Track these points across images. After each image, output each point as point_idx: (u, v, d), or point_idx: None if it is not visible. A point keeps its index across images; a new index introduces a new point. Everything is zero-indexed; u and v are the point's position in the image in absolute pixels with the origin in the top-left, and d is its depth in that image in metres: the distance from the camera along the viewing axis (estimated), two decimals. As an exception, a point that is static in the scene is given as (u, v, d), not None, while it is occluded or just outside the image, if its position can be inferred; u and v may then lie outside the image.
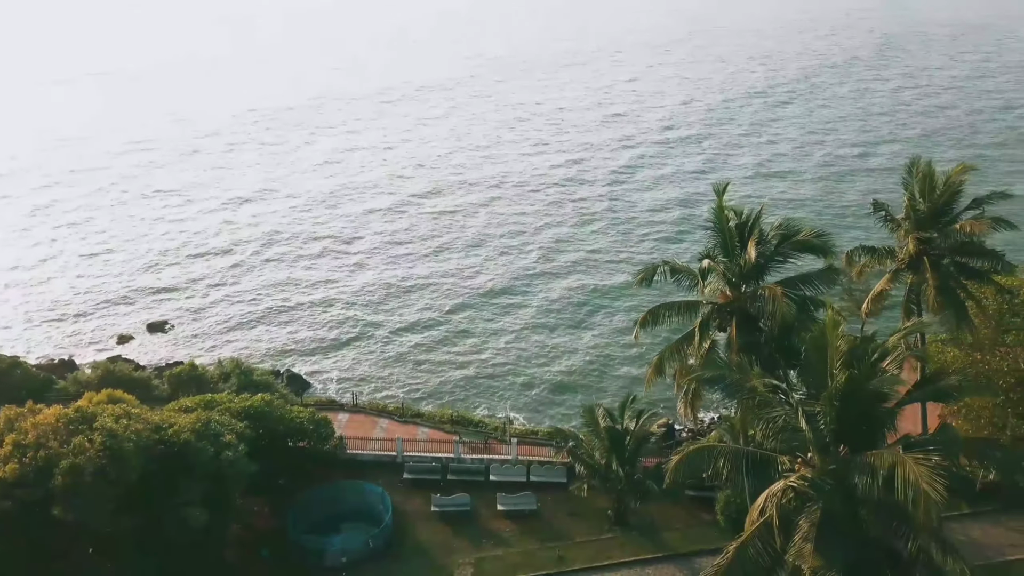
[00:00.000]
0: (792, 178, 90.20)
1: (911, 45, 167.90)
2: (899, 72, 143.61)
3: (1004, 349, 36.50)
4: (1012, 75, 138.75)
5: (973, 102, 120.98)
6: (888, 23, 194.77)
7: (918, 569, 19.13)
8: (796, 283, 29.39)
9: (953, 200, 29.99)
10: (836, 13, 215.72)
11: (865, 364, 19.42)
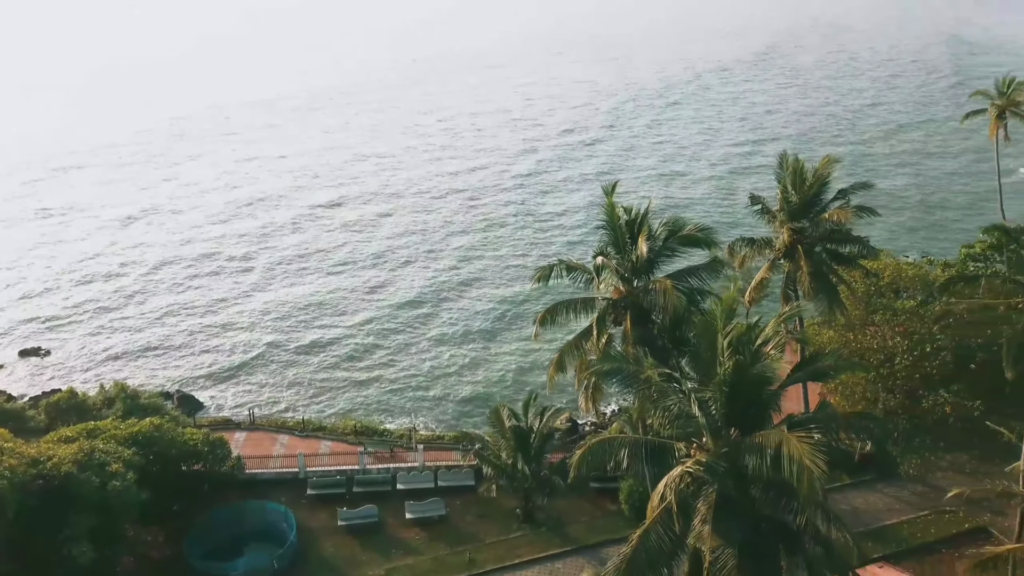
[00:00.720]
0: (687, 178, 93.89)
1: (787, 48, 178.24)
2: (778, 73, 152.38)
3: (873, 328, 39.46)
4: (875, 73, 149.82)
5: (844, 101, 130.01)
6: (769, 27, 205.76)
7: (806, 540, 20.35)
8: (684, 276, 30.59)
9: (821, 191, 32.07)
10: (721, 18, 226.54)
11: (750, 350, 20.47)
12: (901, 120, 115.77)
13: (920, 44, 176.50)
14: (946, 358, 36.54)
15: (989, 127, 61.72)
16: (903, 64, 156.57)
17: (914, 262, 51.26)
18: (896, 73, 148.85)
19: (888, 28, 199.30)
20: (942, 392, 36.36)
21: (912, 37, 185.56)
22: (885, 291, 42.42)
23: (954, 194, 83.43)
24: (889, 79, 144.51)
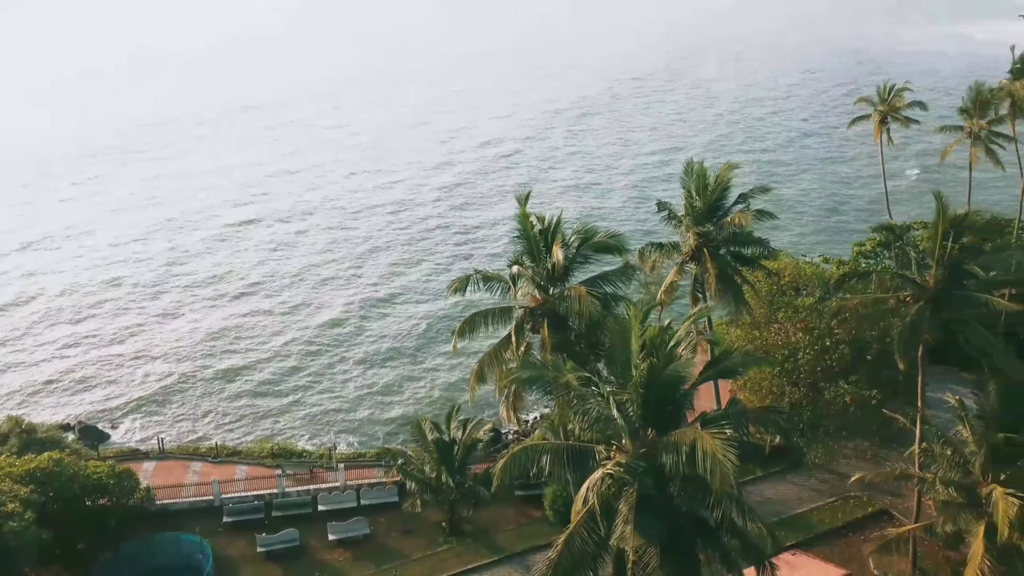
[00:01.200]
0: (602, 187, 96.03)
1: (693, 61, 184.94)
2: (687, 84, 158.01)
3: (777, 325, 41.30)
4: (777, 83, 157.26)
5: (747, 110, 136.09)
6: (672, 41, 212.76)
7: (722, 533, 21.11)
8: (598, 281, 31.22)
9: (723, 196, 33.42)
10: (629, 30, 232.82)
11: (663, 352, 21.11)
12: (804, 128, 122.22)
13: (821, 56, 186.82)
14: (844, 351, 38.59)
15: (874, 132, 65.69)
16: (804, 74, 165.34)
17: (811, 261, 54.02)
18: (797, 83, 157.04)
19: (791, 42, 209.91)
20: (842, 383, 38.35)
21: (814, 51, 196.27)
22: (786, 290, 44.49)
23: (849, 197, 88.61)
24: (789, 88, 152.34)
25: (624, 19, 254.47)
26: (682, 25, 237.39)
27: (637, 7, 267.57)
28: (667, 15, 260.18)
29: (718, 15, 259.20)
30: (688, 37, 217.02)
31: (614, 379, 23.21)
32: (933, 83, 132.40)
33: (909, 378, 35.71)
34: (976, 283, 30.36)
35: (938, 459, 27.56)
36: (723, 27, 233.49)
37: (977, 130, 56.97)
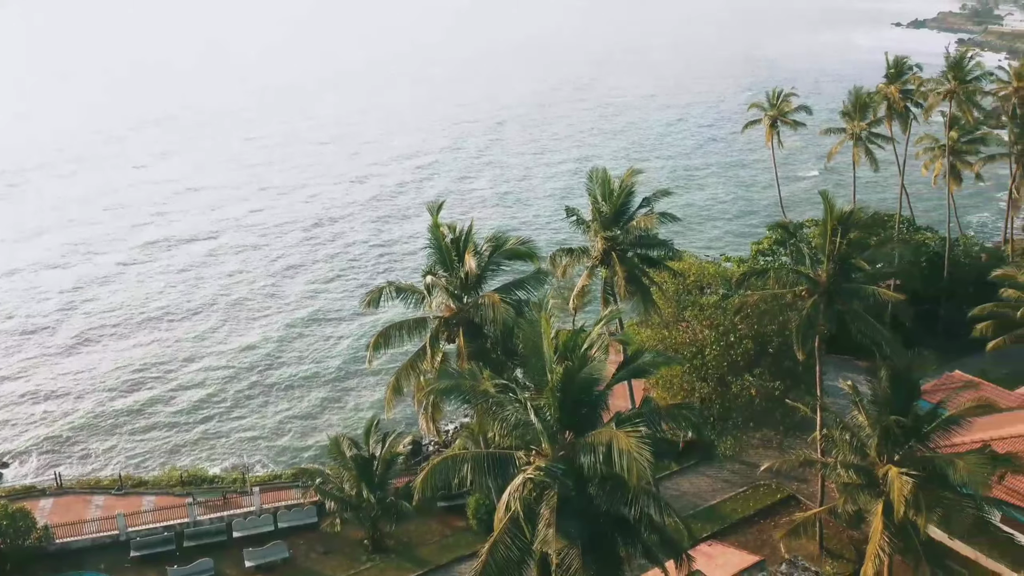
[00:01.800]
0: (519, 196, 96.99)
1: (602, 73, 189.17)
2: (599, 94, 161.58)
3: (684, 324, 42.75)
4: (682, 90, 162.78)
5: (653, 115, 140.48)
6: (585, 55, 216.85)
7: (642, 529, 21.64)
8: (511, 288, 31.51)
9: (628, 200, 34.35)
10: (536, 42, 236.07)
11: (577, 355, 21.52)
12: (711, 134, 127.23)
13: (723, 64, 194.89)
14: (748, 346, 40.31)
15: (765, 135, 68.98)
16: (710, 82, 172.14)
17: (713, 261, 56.25)
18: (704, 90, 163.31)
19: (695, 51, 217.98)
20: (747, 377, 40.02)
21: (716, 59, 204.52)
22: (691, 289, 46.16)
23: (752, 199, 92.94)
24: (696, 95, 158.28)
25: (535, 29, 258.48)
26: (591, 42, 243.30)
27: (552, 18, 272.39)
28: (578, 26, 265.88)
29: (619, 24, 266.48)
30: (598, 48, 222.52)
31: (531, 384, 23.46)
32: (824, 87, 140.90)
33: (808, 368, 37.68)
34: (863, 276, 32.33)
35: (838, 444, 29.09)
36: (627, 36, 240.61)
37: (858, 131, 60.73)
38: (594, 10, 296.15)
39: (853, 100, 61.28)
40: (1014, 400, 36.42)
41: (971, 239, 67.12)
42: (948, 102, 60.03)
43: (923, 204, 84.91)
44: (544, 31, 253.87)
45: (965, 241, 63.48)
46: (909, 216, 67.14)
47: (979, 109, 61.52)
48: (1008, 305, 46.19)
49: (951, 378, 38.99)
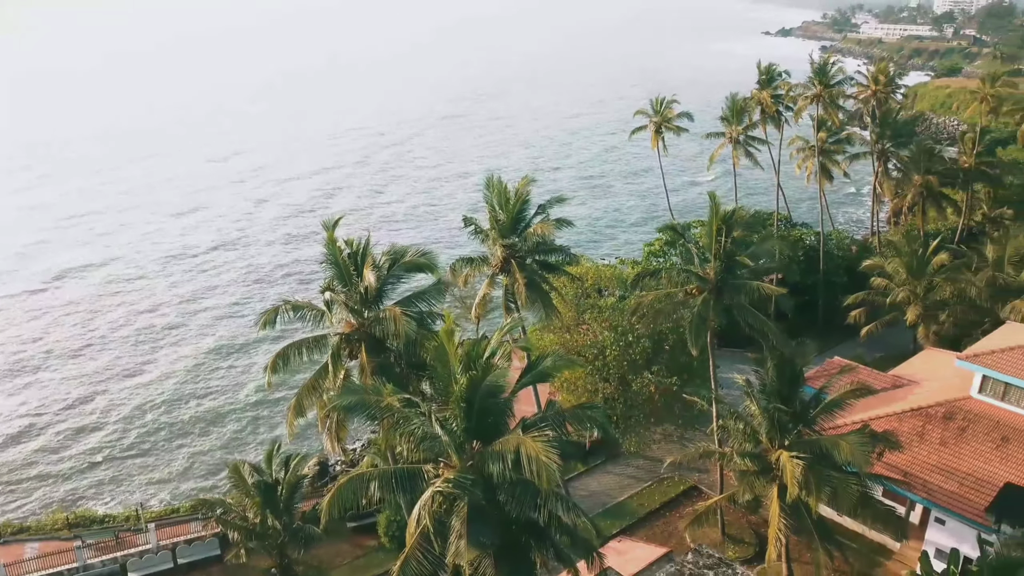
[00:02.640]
0: (428, 208, 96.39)
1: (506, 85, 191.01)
2: (501, 109, 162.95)
3: (585, 327, 43.68)
4: (584, 99, 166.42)
5: (555, 126, 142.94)
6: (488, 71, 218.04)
7: (552, 532, 21.92)
8: (412, 301, 31.24)
9: (524, 208, 34.80)
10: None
11: (480, 364, 21.58)
12: (611, 143, 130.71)
13: (619, 75, 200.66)
14: (645, 344, 41.62)
15: (651, 141, 71.57)
16: (607, 92, 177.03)
17: (609, 264, 57.79)
18: (603, 99, 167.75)
19: (591, 63, 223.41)
20: (646, 374, 41.33)
21: (612, 71, 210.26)
22: (590, 292, 47.27)
23: (658, 204, 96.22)
24: (595, 105, 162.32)
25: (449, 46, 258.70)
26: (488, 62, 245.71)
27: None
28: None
29: (512, 41, 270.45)
30: (499, 63, 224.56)
31: (436, 396, 23.35)
32: (712, 93, 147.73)
33: (703, 363, 39.29)
34: (748, 272, 34.06)
35: (732, 434, 30.50)
36: (523, 50, 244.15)
37: (736, 135, 63.98)
38: (490, 29, 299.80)
39: (730, 106, 64.52)
40: (887, 381, 39.25)
41: (842, 233, 71.97)
42: (815, 105, 64.24)
43: (798, 202, 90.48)
44: (446, 46, 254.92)
45: (837, 235, 67.99)
46: (786, 214, 71.29)
47: (843, 111, 66.13)
48: (877, 293, 49.89)
49: (831, 364, 41.57)
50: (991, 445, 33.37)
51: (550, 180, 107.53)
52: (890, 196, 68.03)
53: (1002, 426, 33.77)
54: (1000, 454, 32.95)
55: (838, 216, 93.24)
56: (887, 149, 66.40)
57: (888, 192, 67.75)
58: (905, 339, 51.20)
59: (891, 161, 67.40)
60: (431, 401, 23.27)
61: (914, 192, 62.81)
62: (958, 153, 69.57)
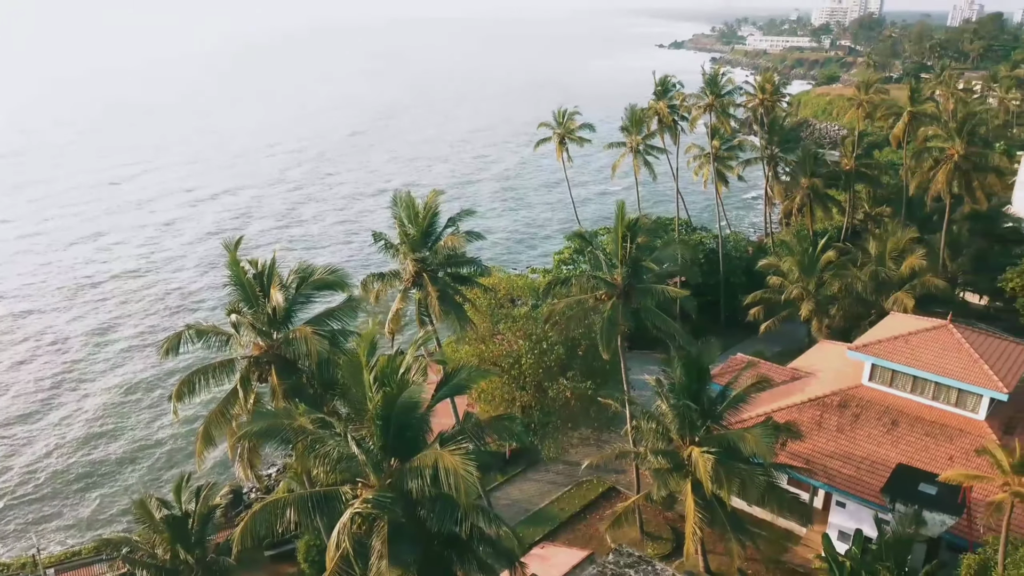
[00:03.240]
0: (344, 226, 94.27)
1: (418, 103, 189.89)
2: (415, 125, 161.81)
3: (500, 336, 44.00)
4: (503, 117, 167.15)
5: (470, 140, 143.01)
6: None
7: (474, 544, 21.97)
8: (323, 320, 30.70)
9: (434, 221, 34.84)
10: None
11: (395, 380, 21.45)
12: (526, 155, 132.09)
13: (531, 90, 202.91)
14: (559, 351, 42.33)
15: (556, 152, 72.99)
16: (521, 106, 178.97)
17: (521, 273, 58.45)
18: (514, 114, 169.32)
19: (503, 79, 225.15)
20: (562, 380, 42.01)
21: (524, 86, 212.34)
22: (503, 302, 47.67)
23: (568, 214, 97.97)
24: (511, 120, 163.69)
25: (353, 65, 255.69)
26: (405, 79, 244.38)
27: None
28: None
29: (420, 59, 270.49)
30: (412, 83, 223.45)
31: (352, 415, 23.02)
32: (616, 104, 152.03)
33: (615, 366, 40.27)
34: (653, 276, 35.21)
35: (646, 433, 31.41)
36: (433, 69, 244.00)
37: (636, 145, 66.09)
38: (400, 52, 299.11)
39: (629, 116, 66.61)
40: (787, 374, 41.32)
41: (739, 235, 75.39)
42: (708, 114, 67.14)
43: (698, 207, 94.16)
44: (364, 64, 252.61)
45: (734, 237, 71.16)
46: (687, 218, 74.01)
47: (734, 119, 69.35)
48: (773, 291, 52.49)
49: (734, 360, 43.40)
50: (882, 429, 35.65)
51: (467, 194, 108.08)
52: (780, 198, 71.74)
53: (891, 411, 36.14)
54: (891, 437, 35.25)
55: (735, 219, 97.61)
56: (776, 154, 70.08)
57: (779, 195, 71.45)
58: (801, 333, 54.05)
59: (780, 165, 71.14)
60: (347, 421, 22.93)
61: (802, 194, 66.52)
62: (840, 156, 74.16)
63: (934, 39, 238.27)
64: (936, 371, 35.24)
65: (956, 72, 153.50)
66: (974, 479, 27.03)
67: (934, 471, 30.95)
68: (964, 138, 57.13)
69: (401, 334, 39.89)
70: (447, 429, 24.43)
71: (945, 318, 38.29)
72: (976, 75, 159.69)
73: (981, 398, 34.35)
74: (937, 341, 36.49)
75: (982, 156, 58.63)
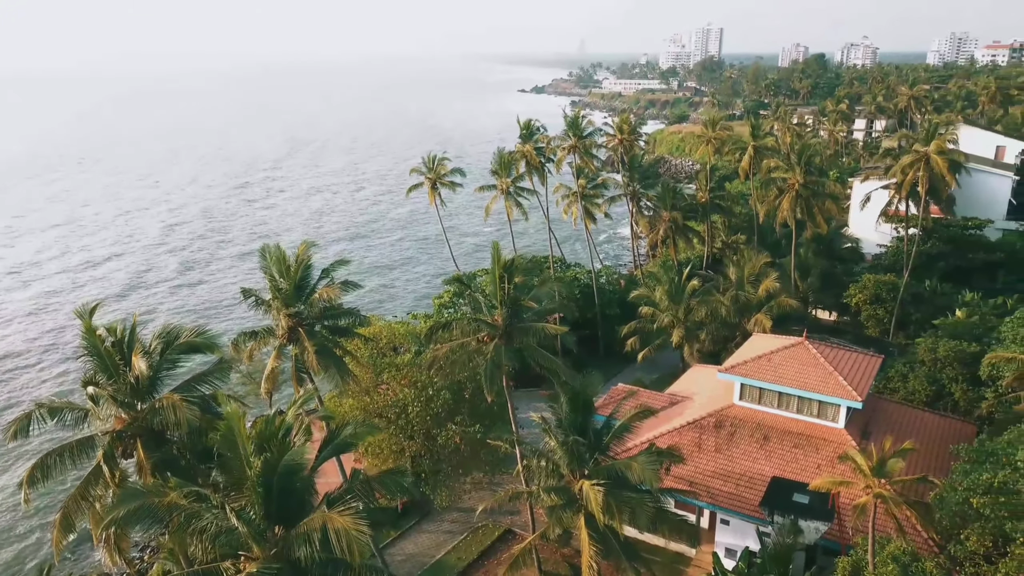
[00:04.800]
0: (203, 283, 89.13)
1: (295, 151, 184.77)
2: (293, 174, 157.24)
3: (384, 387, 43.12)
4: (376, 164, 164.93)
5: (345, 190, 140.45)
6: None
7: (371, 605, 21.13)
8: (193, 385, 29.02)
9: (307, 274, 33.93)
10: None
11: (275, 443, 20.50)
12: (400, 200, 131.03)
13: (408, 135, 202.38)
14: (446, 396, 41.95)
15: (428, 197, 73.36)
16: (399, 153, 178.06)
17: (402, 320, 57.81)
18: (391, 162, 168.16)
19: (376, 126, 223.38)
20: (450, 426, 41.58)
21: (398, 132, 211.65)
22: (385, 351, 46.87)
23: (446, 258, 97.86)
24: (387, 167, 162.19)
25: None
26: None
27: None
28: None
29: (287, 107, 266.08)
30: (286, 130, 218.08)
31: (230, 485, 21.74)
32: (488, 147, 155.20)
33: (502, 406, 40.36)
34: (532, 314, 35.79)
35: (537, 471, 31.52)
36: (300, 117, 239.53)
37: (507, 187, 67.58)
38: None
39: (498, 160, 68.15)
40: (665, 400, 42.93)
41: (611, 269, 78.30)
42: (573, 155, 69.80)
43: (570, 244, 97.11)
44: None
45: (607, 271, 73.80)
46: (560, 256, 76.10)
47: (597, 159, 72.45)
48: (647, 320, 54.68)
49: (616, 391, 44.64)
50: (756, 445, 37.62)
51: (354, 246, 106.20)
52: (646, 231, 75.29)
53: (762, 426, 38.25)
54: (764, 452, 37.24)
55: (606, 253, 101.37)
56: (638, 190, 73.62)
57: (644, 228, 74.93)
58: (675, 359, 56.47)
59: (642, 200, 74.79)
60: (225, 491, 21.62)
61: (664, 227, 70.15)
62: (696, 189, 78.94)
63: (768, 79, 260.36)
64: (798, 386, 37.71)
65: (790, 108, 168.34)
66: (840, 485, 28.93)
67: (805, 481, 32.89)
68: (802, 168, 62.39)
69: (279, 392, 38.33)
70: (334, 489, 23.55)
71: (801, 335, 41.15)
72: (807, 110, 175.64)
73: (839, 408, 37.00)
74: (796, 358, 39.12)
75: (819, 184, 64.17)
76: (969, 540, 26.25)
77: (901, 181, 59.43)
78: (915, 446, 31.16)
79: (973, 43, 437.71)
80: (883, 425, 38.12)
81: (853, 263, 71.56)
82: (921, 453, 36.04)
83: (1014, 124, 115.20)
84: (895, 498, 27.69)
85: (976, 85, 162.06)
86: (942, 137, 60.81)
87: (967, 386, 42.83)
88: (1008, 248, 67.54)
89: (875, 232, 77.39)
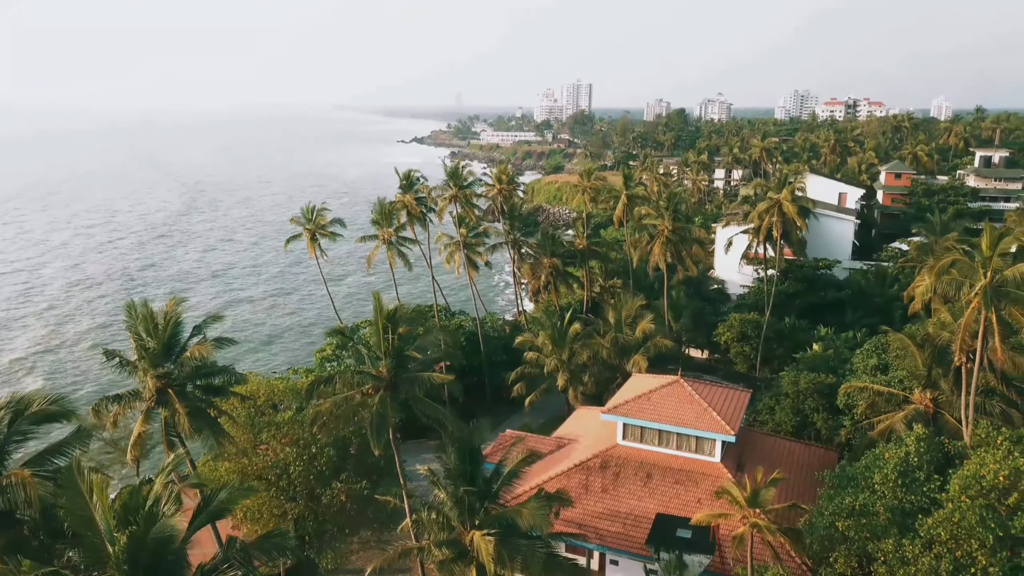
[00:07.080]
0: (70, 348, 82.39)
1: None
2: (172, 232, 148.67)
3: (264, 447, 41.18)
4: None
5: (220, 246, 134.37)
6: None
7: None
8: (46, 457, 26.64)
9: (177, 331, 32.24)
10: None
11: (143, 515, 19.07)
12: (278, 256, 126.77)
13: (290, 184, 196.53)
14: (330, 453, 40.51)
15: (308, 248, 71.83)
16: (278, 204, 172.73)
17: (282, 376, 55.68)
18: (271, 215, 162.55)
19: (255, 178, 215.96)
20: (335, 484, 40.09)
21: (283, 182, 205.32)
22: (264, 409, 44.87)
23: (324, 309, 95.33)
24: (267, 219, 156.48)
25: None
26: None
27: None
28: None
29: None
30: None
31: (90, 565, 19.95)
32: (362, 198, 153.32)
33: (389, 459, 39.44)
34: (418, 364, 35.49)
35: (427, 525, 30.87)
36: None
37: (388, 237, 67.31)
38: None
39: (379, 210, 67.91)
40: (552, 444, 43.36)
41: (495, 316, 79.12)
42: (454, 204, 70.60)
43: (454, 292, 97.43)
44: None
45: (491, 319, 74.49)
46: (445, 304, 76.18)
47: (478, 208, 73.59)
48: (532, 365, 55.39)
49: (504, 437, 44.66)
50: (640, 484, 38.57)
51: (229, 300, 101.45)
52: (528, 278, 76.75)
53: (645, 465, 39.33)
54: (648, 490, 38.23)
55: (491, 300, 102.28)
56: (519, 238, 75.16)
57: (526, 274, 76.37)
58: (560, 402, 57.34)
59: (523, 248, 76.37)
60: (86, 571, 19.82)
61: (545, 273, 71.84)
62: (574, 236, 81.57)
63: (635, 132, 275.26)
64: (675, 423, 39.17)
65: (656, 159, 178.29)
66: (719, 517, 30.10)
67: (687, 515, 33.96)
68: (670, 215, 65.98)
69: (149, 458, 35.84)
70: (208, 560, 22.09)
71: (676, 374, 42.94)
72: (672, 161, 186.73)
73: (715, 442, 38.68)
74: (672, 396, 40.70)
75: (686, 230, 68.03)
76: (837, 563, 27.87)
77: (758, 226, 64.01)
78: (784, 475, 32.95)
79: (814, 100, 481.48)
80: (755, 456, 40.11)
81: (721, 303, 75.85)
82: (790, 481, 38.13)
83: (852, 173, 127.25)
84: (769, 526, 29.07)
85: (819, 138, 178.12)
86: (792, 185, 66.20)
87: (827, 415, 45.97)
88: (855, 286, 73.83)
89: (738, 274, 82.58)
